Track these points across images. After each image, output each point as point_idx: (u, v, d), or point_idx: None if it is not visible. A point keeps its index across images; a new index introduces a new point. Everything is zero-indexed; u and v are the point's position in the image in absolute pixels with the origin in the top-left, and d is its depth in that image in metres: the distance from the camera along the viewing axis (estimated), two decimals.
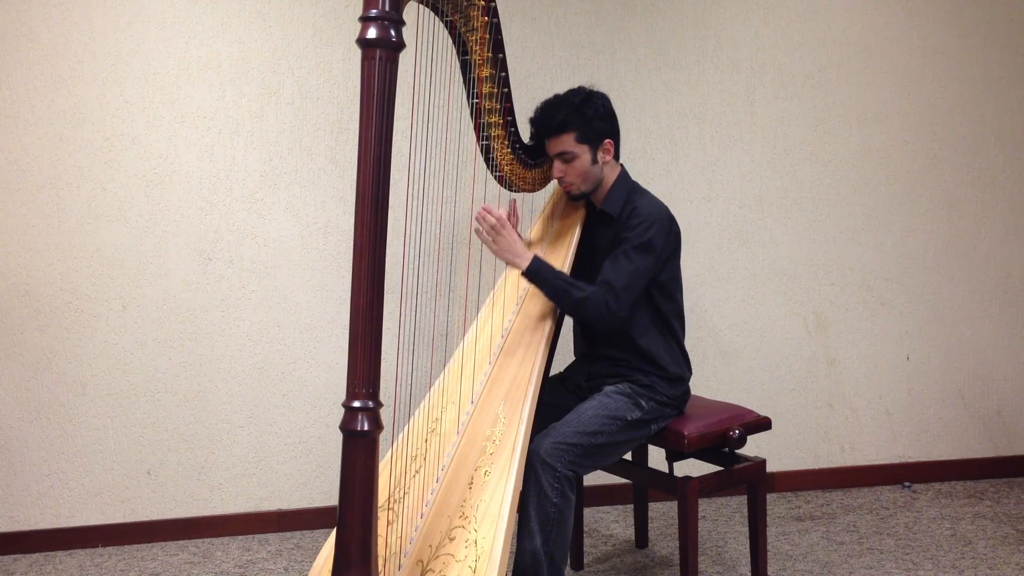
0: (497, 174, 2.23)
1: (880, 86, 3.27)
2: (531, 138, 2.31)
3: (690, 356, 2.37)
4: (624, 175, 2.33)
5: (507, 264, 2.19)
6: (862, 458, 3.35)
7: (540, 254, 2.36)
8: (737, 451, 2.39)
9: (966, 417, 3.41)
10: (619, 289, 2.12)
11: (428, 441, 1.97)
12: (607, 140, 2.25)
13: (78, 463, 2.81)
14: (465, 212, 2.82)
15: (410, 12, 1.59)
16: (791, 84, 3.21)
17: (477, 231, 2.19)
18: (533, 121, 2.29)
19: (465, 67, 2.01)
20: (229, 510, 2.93)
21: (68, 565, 2.70)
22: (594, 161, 2.25)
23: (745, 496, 2.46)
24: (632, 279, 2.14)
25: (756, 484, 2.36)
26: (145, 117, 2.79)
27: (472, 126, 2.10)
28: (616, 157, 2.32)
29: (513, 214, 2.38)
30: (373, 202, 1.47)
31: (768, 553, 2.64)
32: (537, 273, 2.14)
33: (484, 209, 2.17)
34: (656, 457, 2.58)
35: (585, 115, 2.21)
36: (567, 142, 2.22)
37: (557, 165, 2.27)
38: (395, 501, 1.82)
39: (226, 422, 2.91)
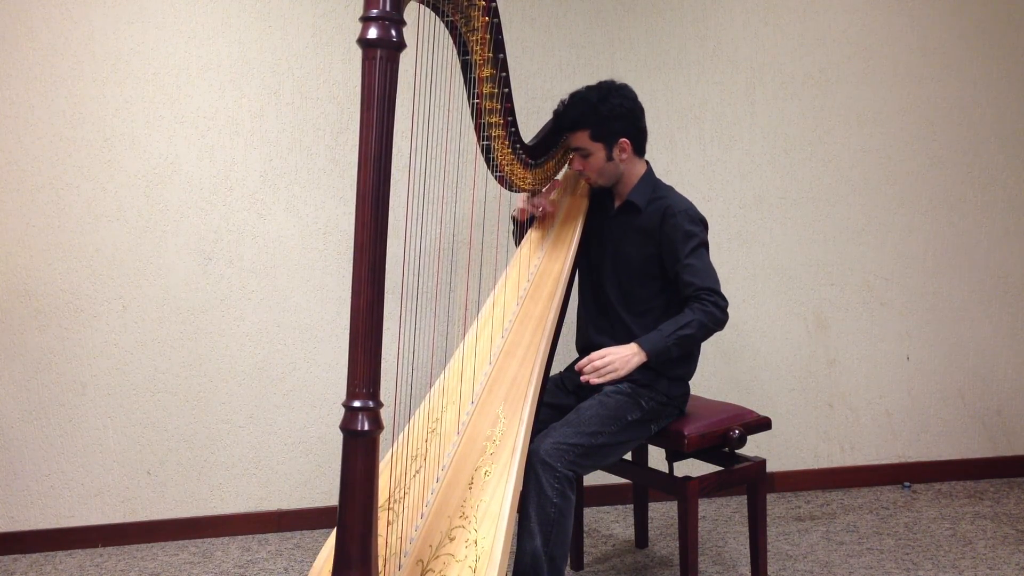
0: (497, 174, 2.23)
1: (880, 86, 3.27)
2: (540, 135, 2.32)
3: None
4: (650, 172, 2.36)
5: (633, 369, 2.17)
6: (862, 458, 3.35)
7: (542, 249, 2.36)
8: (737, 451, 2.39)
9: (966, 417, 3.41)
10: (713, 286, 2.18)
11: (428, 441, 1.97)
12: (623, 139, 2.27)
13: (78, 463, 2.81)
14: (466, 212, 2.82)
15: (411, 12, 1.59)
16: (791, 84, 3.21)
17: (598, 376, 2.15)
18: (555, 113, 2.33)
19: (465, 67, 2.01)
20: (229, 510, 2.93)
21: (68, 565, 2.70)
22: (609, 158, 2.27)
23: (745, 496, 2.46)
24: (711, 271, 2.22)
25: (756, 484, 2.36)
26: (145, 117, 2.79)
27: (472, 126, 2.10)
28: (639, 153, 2.33)
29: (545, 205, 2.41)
30: (373, 202, 1.47)
31: (768, 553, 2.64)
32: (657, 353, 2.15)
33: (583, 379, 2.16)
34: (656, 457, 2.58)
35: (600, 113, 2.23)
36: (581, 139, 2.26)
37: (576, 158, 2.32)
38: (395, 501, 1.82)
39: (226, 422, 2.91)
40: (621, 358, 2.14)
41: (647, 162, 2.37)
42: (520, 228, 2.51)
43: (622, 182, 2.34)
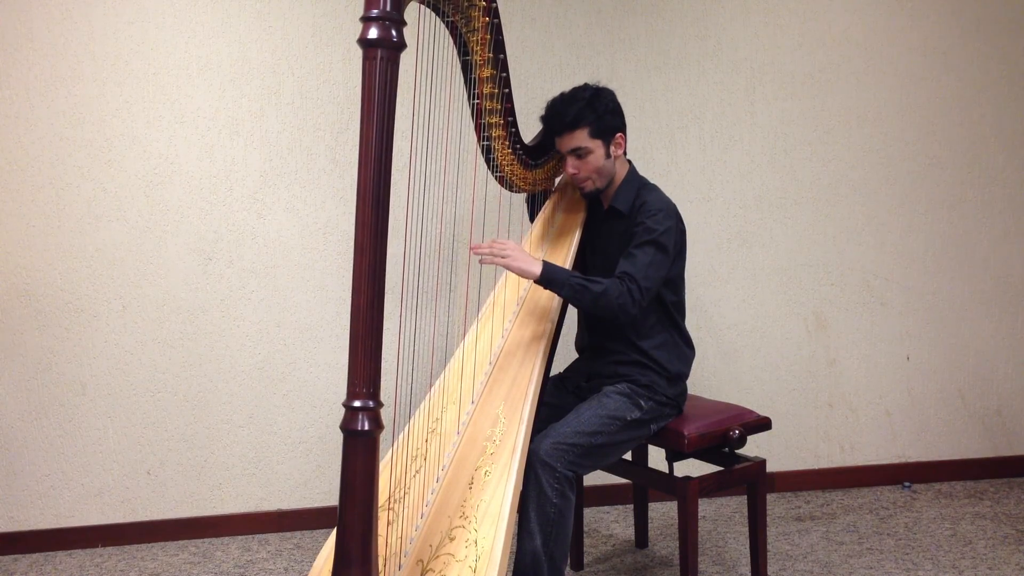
0: (498, 174, 2.24)
1: (880, 86, 3.27)
2: (540, 135, 2.31)
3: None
4: (633, 171, 2.34)
5: (521, 275, 2.09)
6: (862, 458, 3.35)
7: (543, 250, 2.36)
8: (737, 451, 2.39)
9: (966, 417, 3.41)
10: (639, 279, 2.10)
11: (428, 441, 1.97)
12: (618, 134, 2.27)
13: (78, 463, 2.81)
14: (466, 212, 2.82)
15: (411, 12, 1.59)
16: (791, 84, 3.21)
17: (489, 257, 2.08)
18: (544, 119, 2.28)
19: (466, 67, 2.01)
20: (229, 510, 2.93)
21: (68, 565, 2.70)
22: (607, 155, 2.26)
23: (745, 496, 2.46)
24: (649, 271, 2.13)
25: (756, 484, 2.36)
26: (145, 117, 2.79)
27: (473, 126, 2.10)
28: (624, 152, 2.33)
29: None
30: (373, 202, 1.47)
31: (768, 553, 2.64)
32: (551, 278, 2.08)
33: (473, 248, 2.10)
34: (656, 457, 2.58)
35: (597, 110, 2.21)
36: (580, 137, 2.22)
37: (571, 161, 2.25)
38: (395, 501, 1.82)
39: (226, 422, 2.91)
40: (522, 256, 2.06)
41: (629, 161, 2.36)
42: (533, 202, 2.51)
43: (611, 184, 2.31)
